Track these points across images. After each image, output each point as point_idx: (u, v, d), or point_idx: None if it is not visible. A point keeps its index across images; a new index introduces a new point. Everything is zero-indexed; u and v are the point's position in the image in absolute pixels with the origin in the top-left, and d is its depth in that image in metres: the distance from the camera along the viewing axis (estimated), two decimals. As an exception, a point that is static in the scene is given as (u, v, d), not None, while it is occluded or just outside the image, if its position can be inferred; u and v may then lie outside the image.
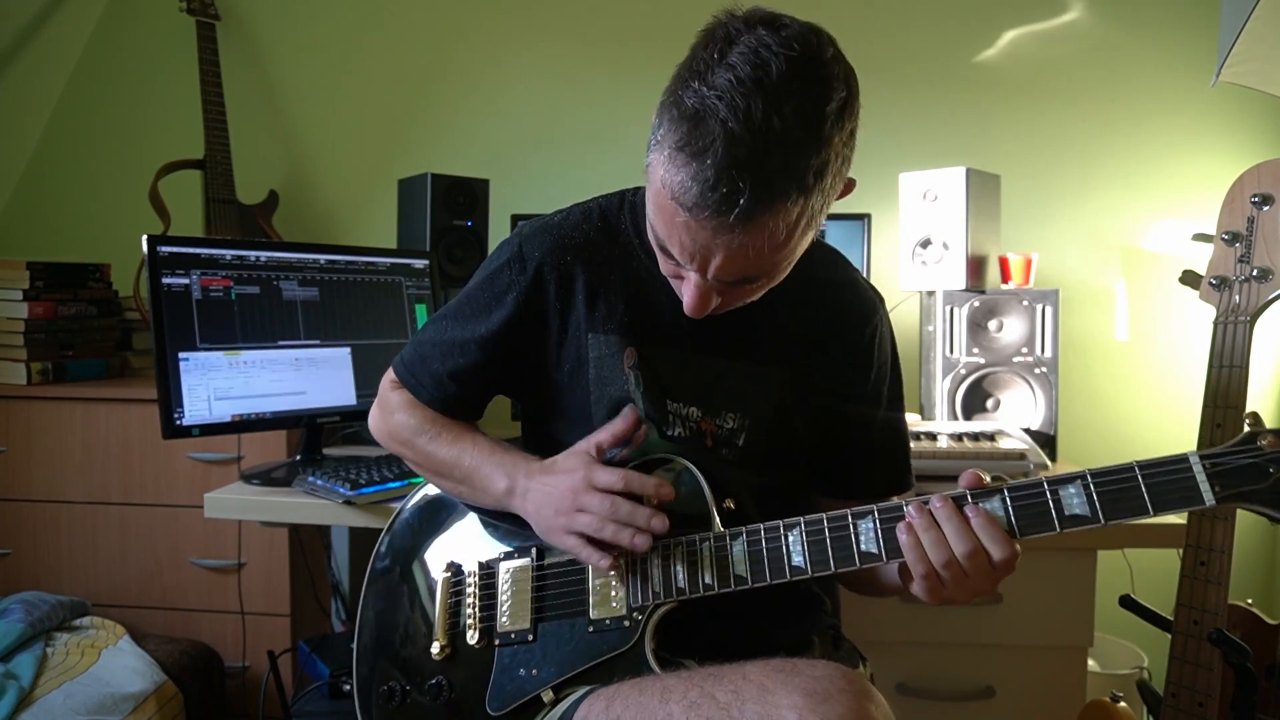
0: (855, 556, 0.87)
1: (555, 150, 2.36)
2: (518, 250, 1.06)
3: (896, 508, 0.86)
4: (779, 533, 0.91)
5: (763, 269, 0.87)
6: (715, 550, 0.93)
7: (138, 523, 1.92)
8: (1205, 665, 1.24)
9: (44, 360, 1.99)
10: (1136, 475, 0.78)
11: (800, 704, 0.78)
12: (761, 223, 0.80)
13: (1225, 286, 1.25)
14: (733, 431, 1.05)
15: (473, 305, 1.08)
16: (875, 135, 2.18)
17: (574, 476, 0.95)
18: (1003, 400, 1.81)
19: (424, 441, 1.10)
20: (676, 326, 1.03)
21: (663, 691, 0.87)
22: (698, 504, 0.96)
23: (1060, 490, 0.81)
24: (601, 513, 0.92)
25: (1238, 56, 1.47)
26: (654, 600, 0.94)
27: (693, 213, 0.81)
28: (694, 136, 0.79)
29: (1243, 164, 1.26)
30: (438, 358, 1.10)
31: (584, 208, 1.09)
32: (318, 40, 2.43)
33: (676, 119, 0.81)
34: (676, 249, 0.86)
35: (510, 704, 0.98)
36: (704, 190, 0.79)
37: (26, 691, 1.56)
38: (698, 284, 0.89)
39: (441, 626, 1.05)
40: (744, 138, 0.77)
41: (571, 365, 1.06)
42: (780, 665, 0.84)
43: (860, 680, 0.82)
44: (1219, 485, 0.76)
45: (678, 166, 0.80)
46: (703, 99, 0.78)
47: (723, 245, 0.83)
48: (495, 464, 1.03)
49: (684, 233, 0.84)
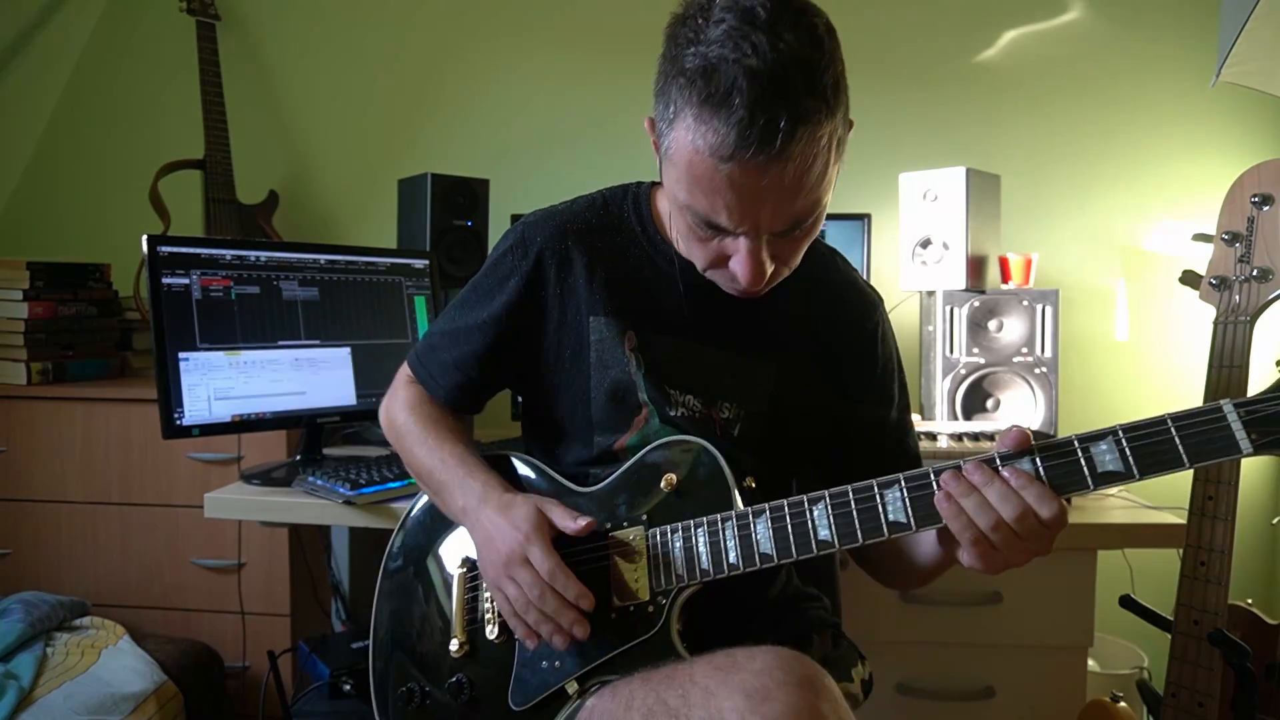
0: (884, 527, 0.84)
1: (555, 150, 2.36)
2: (520, 237, 1.07)
3: (924, 475, 0.84)
4: (803, 507, 0.88)
5: (807, 205, 0.86)
6: (739, 529, 0.91)
7: (138, 523, 1.91)
8: (1205, 665, 1.24)
9: (44, 360, 1.99)
10: (1170, 428, 0.75)
11: (741, 705, 0.76)
12: (802, 147, 0.80)
13: (1225, 286, 1.25)
14: (728, 421, 1.05)
15: (478, 293, 1.09)
16: (875, 135, 2.19)
17: (514, 540, 0.93)
18: (1003, 400, 1.81)
19: (410, 442, 1.11)
20: (677, 315, 1.04)
21: (627, 699, 0.86)
22: (718, 484, 0.94)
23: (1092, 447, 0.78)
24: (529, 595, 0.92)
25: (1238, 57, 1.47)
26: (678, 583, 0.93)
27: (736, 160, 0.80)
28: (713, 88, 0.79)
29: (1243, 164, 1.26)
30: (446, 346, 1.11)
31: (589, 198, 1.10)
32: (318, 40, 2.43)
33: (686, 85, 0.81)
34: (724, 215, 0.85)
35: (534, 698, 0.96)
36: (742, 131, 0.79)
37: (26, 691, 1.56)
38: (750, 248, 0.87)
39: (459, 623, 1.04)
40: (761, 69, 0.78)
41: (572, 349, 1.06)
42: (721, 662, 0.82)
43: (803, 668, 0.79)
44: (1255, 433, 0.73)
45: (705, 122, 0.80)
46: (705, 56, 0.79)
47: (771, 186, 0.82)
48: (461, 481, 1.02)
49: (729, 191, 0.83)
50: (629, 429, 1.04)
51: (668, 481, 0.96)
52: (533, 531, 0.92)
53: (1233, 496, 1.23)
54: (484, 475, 1.02)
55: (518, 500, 0.97)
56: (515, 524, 0.94)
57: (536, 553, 0.91)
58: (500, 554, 0.94)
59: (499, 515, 0.96)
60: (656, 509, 0.96)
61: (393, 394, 1.19)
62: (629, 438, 1.04)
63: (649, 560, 0.95)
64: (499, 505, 0.97)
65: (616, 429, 1.04)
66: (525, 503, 0.96)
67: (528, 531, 0.92)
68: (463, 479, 1.02)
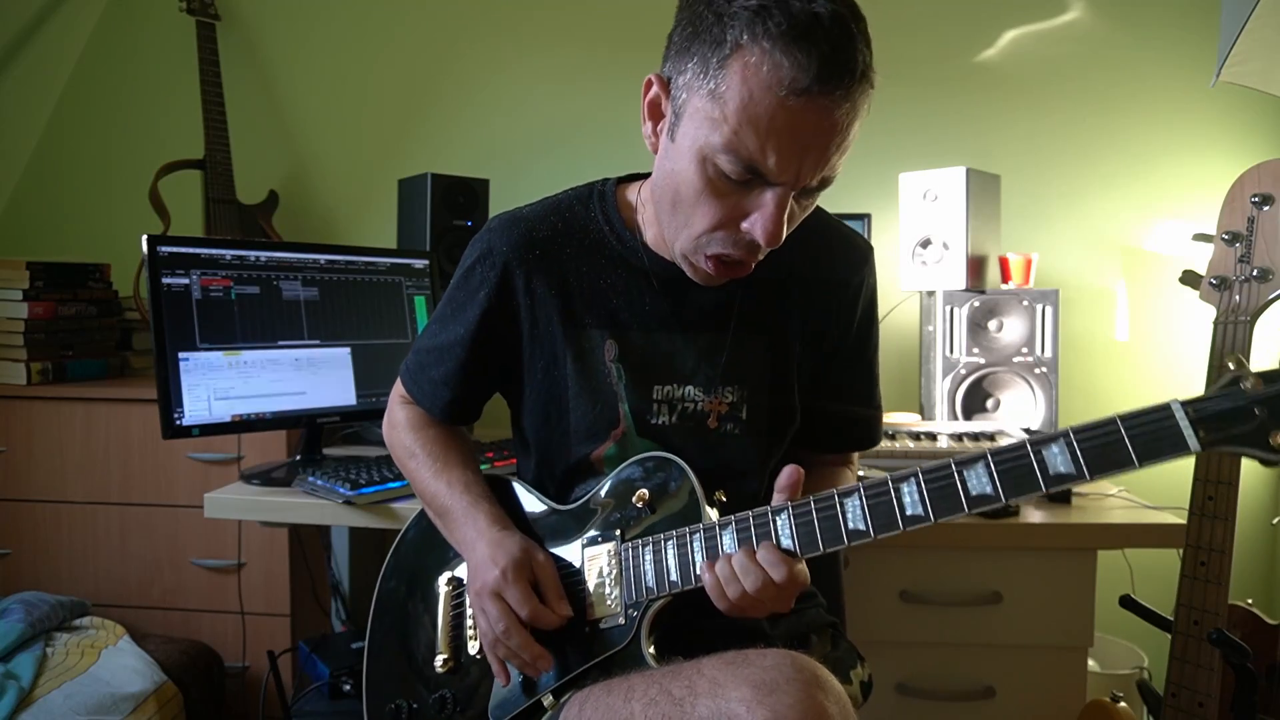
0: (843, 535, 0.86)
1: (555, 150, 2.36)
2: (486, 247, 1.06)
3: (882, 483, 0.85)
4: (767, 518, 0.89)
5: (838, 165, 0.88)
6: (706, 541, 0.92)
7: (138, 523, 1.91)
8: (1205, 665, 1.24)
9: (44, 360, 2.00)
10: (1119, 427, 0.76)
11: (749, 696, 0.77)
12: (860, 94, 0.84)
13: (1225, 286, 1.25)
14: (734, 405, 1.05)
15: (453, 305, 1.09)
16: (875, 135, 2.18)
17: (493, 573, 0.96)
18: (1003, 400, 1.81)
19: (414, 465, 1.13)
20: (657, 309, 1.03)
21: (627, 691, 0.87)
22: (688, 499, 0.96)
23: (1044, 450, 0.79)
24: (496, 629, 0.95)
25: (1238, 56, 1.47)
26: (648, 596, 0.94)
27: (810, 93, 0.80)
28: (794, 20, 0.80)
29: (1243, 164, 1.26)
30: (433, 363, 1.12)
31: (553, 200, 1.09)
32: (318, 40, 2.43)
33: (752, 19, 0.81)
34: (775, 156, 0.84)
35: (511, 711, 0.98)
36: (825, 62, 0.80)
37: (26, 691, 1.56)
38: (777, 201, 0.87)
39: (445, 639, 1.06)
40: (834, 13, 0.81)
41: (545, 361, 1.06)
42: (732, 658, 0.83)
43: (811, 668, 0.80)
44: (1203, 430, 0.74)
45: (785, 53, 0.80)
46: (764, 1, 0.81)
47: (826, 129, 0.83)
48: (461, 509, 1.04)
49: (786, 132, 0.82)
50: (607, 439, 1.04)
51: (640, 498, 0.98)
52: (511, 570, 0.95)
53: (1233, 496, 1.23)
54: (486, 506, 1.04)
55: (512, 540, 0.99)
56: (497, 560, 0.96)
57: (512, 591, 0.94)
58: (479, 584, 0.97)
59: (488, 547, 0.99)
60: (629, 525, 0.98)
61: (390, 416, 1.20)
62: (607, 448, 1.04)
63: (621, 575, 0.97)
64: (490, 539, 1.00)
65: (594, 439, 1.05)
66: (517, 544, 0.98)
67: (505, 568, 0.95)
68: (466, 508, 1.04)
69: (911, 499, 0.83)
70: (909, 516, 0.83)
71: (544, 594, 0.96)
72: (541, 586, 0.96)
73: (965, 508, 0.81)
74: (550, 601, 0.96)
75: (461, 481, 1.07)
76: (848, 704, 0.82)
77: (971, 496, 0.81)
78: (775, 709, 0.76)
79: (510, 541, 0.98)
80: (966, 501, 0.81)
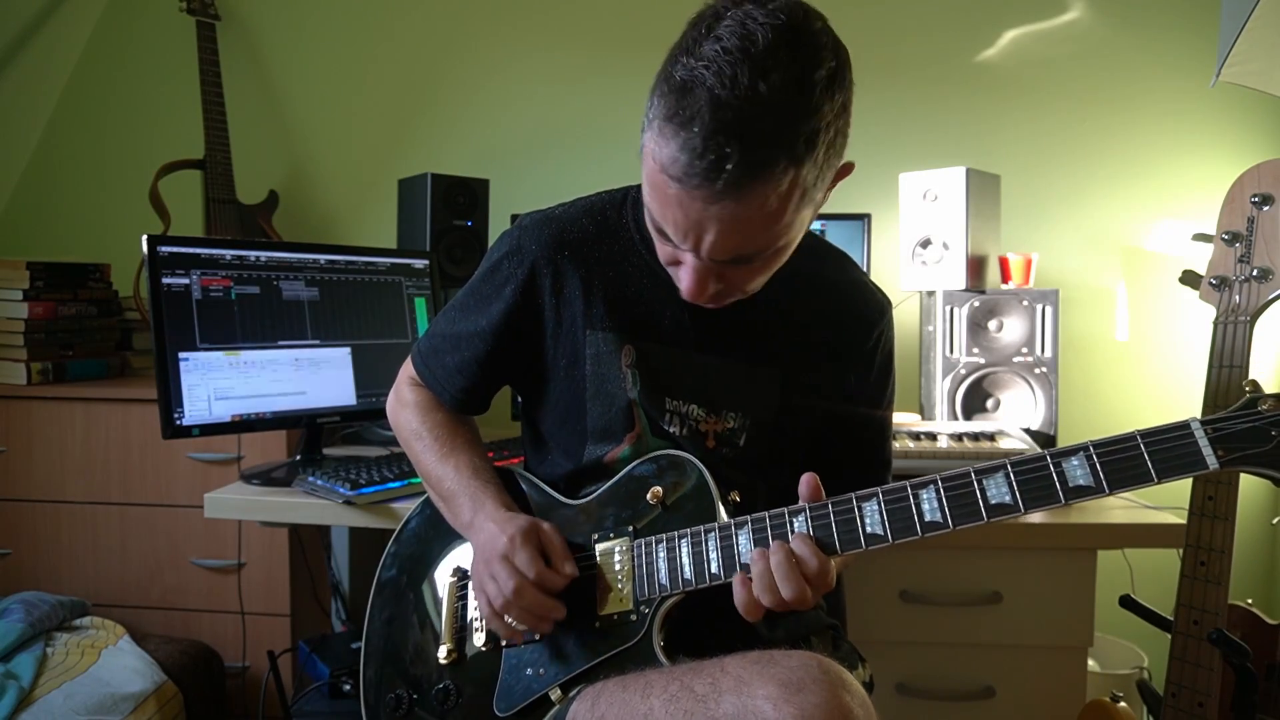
0: (861, 539, 0.86)
1: (555, 150, 2.36)
2: (516, 243, 1.07)
3: (901, 489, 0.86)
4: (784, 519, 0.90)
5: (756, 245, 0.86)
6: (721, 540, 0.92)
7: (138, 523, 1.91)
8: (1205, 665, 1.24)
9: (44, 360, 1.99)
10: (1139, 444, 0.78)
11: (775, 694, 0.78)
12: (751, 191, 0.79)
13: (1225, 286, 1.25)
14: (733, 431, 1.05)
15: (476, 296, 1.09)
16: (875, 135, 2.19)
17: (501, 540, 0.95)
18: (1003, 400, 1.81)
19: (420, 447, 1.13)
20: (678, 324, 1.03)
21: (644, 687, 0.87)
22: (703, 497, 0.96)
23: (1064, 463, 0.80)
24: (505, 591, 0.94)
25: (1238, 57, 1.47)
26: (660, 593, 0.94)
27: (682, 183, 0.80)
28: (681, 106, 0.78)
29: (1243, 164, 1.26)
30: (448, 350, 1.12)
31: (586, 202, 1.09)
32: (318, 40, 2.43)
33: (665, 93, 0.81)
34: (670, 227, 0.85)
35: (518, 704, 0.98)
36: (691, 158, 0.78)
37: (26, 691, 1.56)
38: (694, 265, 0.88)
39: (448, 631, 1.06)
40: (730, 103, 0.76)
41: (567, 360, 1.06)
42: (757, 657, 0.83)
43: (836, 670, 0.81)
44: (1221, 450, 0.76)
45: (666, 138, 0.80)
46: (690, 70, 0.78)
47: (714, 217, 0.81)
48: (468, 493, 1.04)
49: (676, 208, 0.83)
50: (621, 442, 1.04)
51: (654, 495, 0.98)
52: (519, 537, 0.95)
53: (1233, 496, 1.23)
54: (493, 489, 1.04)
55: (519, 515, 0.99)
56: (505, 529, 0.96)
57: (522, 556, 0.94)
58: (487, 552, 0.97)
59: (492, 522, 0.98)
60: (642, 521, 0.98)
61: (398, 394, 1.20)
62: (621, 450, 1.04)
63: (633, 571, 0.96)
64: (494, 517, 0.99)
65: (609, 441, 1.05)
66: (525, 518, 0.99)
67: (513, 534, 0.95)
68: (472, 491, 1.04)
69: (930, 505, 0.84)
70: (928, 523, 0.84)
71: (551, 558, 0.96)
72: (548, 551, 0.96)
73: (984, 516, 0.82)
74: (556, 564, 0.95)
75: (470, 466, 1.07)
76: (871, 707, 0.82)
77: (991, 505, 0.82)
78: (803, 707, 0.76)
79: (521, 517, 0.99)
80: (986, 510, 0.82)
